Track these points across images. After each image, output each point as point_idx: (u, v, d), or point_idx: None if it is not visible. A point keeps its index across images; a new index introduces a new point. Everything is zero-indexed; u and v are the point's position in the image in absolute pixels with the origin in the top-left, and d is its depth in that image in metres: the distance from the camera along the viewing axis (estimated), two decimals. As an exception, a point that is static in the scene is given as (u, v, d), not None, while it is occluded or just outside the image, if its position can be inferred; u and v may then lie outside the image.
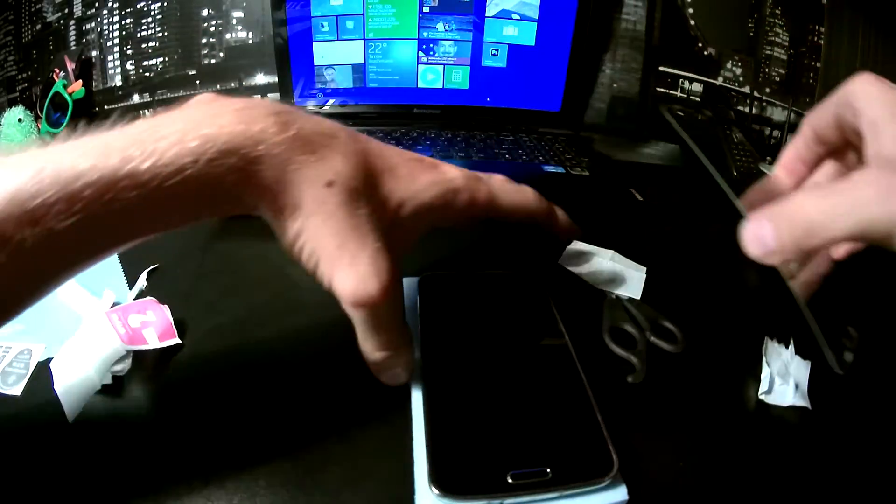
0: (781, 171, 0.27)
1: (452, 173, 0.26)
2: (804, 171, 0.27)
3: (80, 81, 0.59)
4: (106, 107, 0.68)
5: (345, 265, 0.21)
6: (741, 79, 0.66)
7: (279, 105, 0.22)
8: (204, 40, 0.68)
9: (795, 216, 0.20)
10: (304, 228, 0.21)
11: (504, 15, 0.62)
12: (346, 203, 0.21)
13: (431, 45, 0.63)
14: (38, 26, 0.66)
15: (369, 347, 0.24)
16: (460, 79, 0.65)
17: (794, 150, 0.26)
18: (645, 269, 0.37)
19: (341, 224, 0.21)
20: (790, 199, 0.20)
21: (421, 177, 0.24)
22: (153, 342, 0.28)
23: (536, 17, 0.62)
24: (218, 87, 0.69)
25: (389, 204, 0.23)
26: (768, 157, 0.67)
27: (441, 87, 0.65)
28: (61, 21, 0.66)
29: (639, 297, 0.35)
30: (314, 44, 0.63)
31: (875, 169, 0.19)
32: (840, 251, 0.28)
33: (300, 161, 0.20)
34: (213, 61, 0.68)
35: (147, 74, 0.68)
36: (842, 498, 0.23)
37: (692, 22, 0.66)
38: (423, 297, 0.30)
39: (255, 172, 0.20)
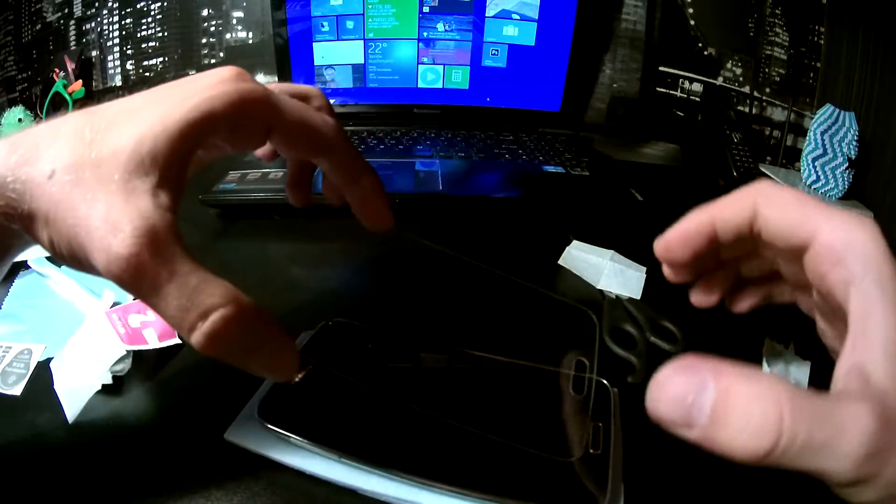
0: (666, 247, 0.25)
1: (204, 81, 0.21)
2: (688, 261, 0.24)
3: (80, 81, 0.59)
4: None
5: (94, 239, 0.17)
6: (741, 79, 0.66)
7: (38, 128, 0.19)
8: (204, 40, 0.68)
9: (762, 418, 0.14)
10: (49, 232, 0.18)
11: (504, 15, 0.62)
12: (73, 182, 0.18)
13: (431, 45, 0.63)
14: (38, 26, 0.66)
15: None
16: (460, 79, 0.65)
17: (684, 235, 0.24)
18: (645, 269, 0.37)
19: (74, 203, 0.18)
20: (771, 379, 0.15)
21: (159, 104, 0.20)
22: (153, 342, 0.28)
23: (536, 17, 0.62)
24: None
25: (122, 149, 0.19)
26: (768, 158, 0.67)
27: (441, 87, 0.65)
28: (61, 21, 0.66)
29: (639, 297, 0.35)
30: (314, 44, 0.63)
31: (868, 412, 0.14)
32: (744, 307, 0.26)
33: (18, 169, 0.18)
34: (213, 61, 0.69)
35: (147, 74, 0.68)
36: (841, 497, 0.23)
37: (692, 22, 0.66)
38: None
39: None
